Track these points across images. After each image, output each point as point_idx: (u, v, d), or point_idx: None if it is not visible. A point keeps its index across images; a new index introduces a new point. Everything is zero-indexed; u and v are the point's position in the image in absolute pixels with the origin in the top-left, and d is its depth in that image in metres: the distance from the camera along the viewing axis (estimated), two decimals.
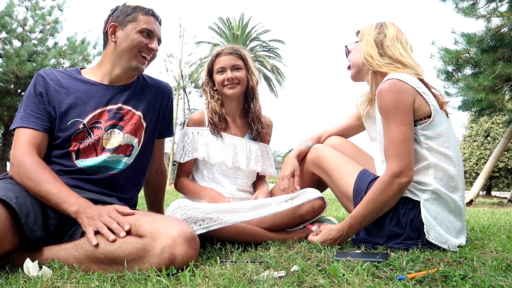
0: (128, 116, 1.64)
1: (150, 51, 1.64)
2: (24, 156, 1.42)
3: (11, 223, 1.21)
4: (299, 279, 1.09)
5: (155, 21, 1.65)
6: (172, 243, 1.17)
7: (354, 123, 2.02)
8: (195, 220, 1.50)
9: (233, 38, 24.99)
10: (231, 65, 1.98)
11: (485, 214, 3.86)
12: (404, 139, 1.50)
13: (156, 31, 1.64)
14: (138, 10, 1.62)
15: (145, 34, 1.61)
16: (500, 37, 5.95)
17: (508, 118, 8.13)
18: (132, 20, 1.60)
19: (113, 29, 1.62)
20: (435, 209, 1.53)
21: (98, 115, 1.58)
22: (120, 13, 1.63)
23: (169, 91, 1.85)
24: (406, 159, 1.49)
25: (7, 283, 1.07)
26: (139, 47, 1.60)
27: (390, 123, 1.53)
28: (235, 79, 1.97)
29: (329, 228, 1.62)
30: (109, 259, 1.19)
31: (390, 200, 1.53)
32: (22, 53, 9.58)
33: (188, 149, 1.97)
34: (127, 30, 1.60)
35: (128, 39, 1.59)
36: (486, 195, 12.30)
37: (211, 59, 2.05)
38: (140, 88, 1.72)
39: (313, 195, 1.78)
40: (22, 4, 10.53)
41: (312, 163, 1.88)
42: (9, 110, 10.52)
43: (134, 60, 1.61)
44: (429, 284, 1.07)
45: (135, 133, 1.66)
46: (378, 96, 1.57)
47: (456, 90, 6.89)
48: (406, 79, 1.53)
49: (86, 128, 1.55)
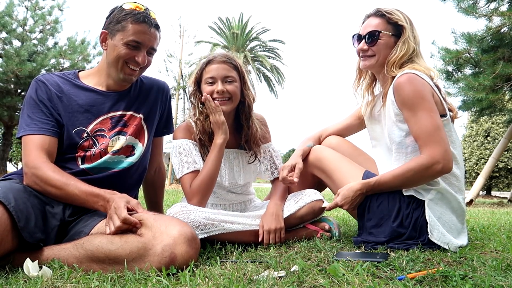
0: (130, 120, 1.65)
1: (138, 64, 1.55)
2: (37, 164, 1.40)
3: (11, 224, 1.21)
4: (299, 279, 1.09)
5: (147, 29, 1.52)
6: (173, 242, 1.17)
7: (354, 122, 2.02)
8: (197, 224, 1.50)
9: (232, 38, 24.99)
10: (223, 75, 1.72)
11: (485, 214, 3.86)
12: (437, 125, 1.50)
13: (145, 41, 1.53)
14: (129, 18, 1.51)
15: (131, 47, 1.51)
16: (500, 36, 5.94)
17: (508, 118, 8.13)
18: (120, 30, 1.51)
19: (104, 36, 1.57)
20: (439, 209, 1.54)
21: (100, 123, 1.58)
22: (112, 19, 1.55)
23: (167, 90, 1.83)
24: (444, 144, 1.49)
25: (7, 283, 1.07)
26: (125, 59, 1.54)
27: (418, 112, 1.52)
28: (226, 92, 1.71)
29: (348, 187, 1.62)
30: (110, 259, 1.19)
31: (420, 182, 1.54)
32: (22, 53, 9.58)
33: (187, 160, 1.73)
34: (115, 40, 1.52)
35: (115, 50, 1.53)
36: (486, 195, 12.29)
37: (200, 66, 1.78)
38: (138, 91, 1.71)
39: (312, 197, 1.78)
40: (22, 4, 10.54)
41: (313, 164, 1.88)
42: (9, 110, 10.52)
43: (121, 72, 1.56)
44: (429, 284, 1.07)
45: (137, 135, 1.66)
46: (397, 89, 1.56)
47: (456, 90, 6.89)
48: (422, 75, 1.56)
49: (90, 137, 1.56)
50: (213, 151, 1.70)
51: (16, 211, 1.22)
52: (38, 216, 1.32)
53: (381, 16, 1.70)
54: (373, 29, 1.69)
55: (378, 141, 1.86)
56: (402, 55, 1.65)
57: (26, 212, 1.26)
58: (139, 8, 1.55)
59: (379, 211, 1.60)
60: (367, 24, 1.73)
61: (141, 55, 1.54)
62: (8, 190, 1.28)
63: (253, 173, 1.95)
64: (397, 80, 1.57)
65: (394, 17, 1.69)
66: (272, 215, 1.69)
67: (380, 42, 1.68)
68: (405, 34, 1.67)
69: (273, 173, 1.95)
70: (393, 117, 1.63)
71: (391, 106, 1.63)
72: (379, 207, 1.60)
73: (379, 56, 1.70)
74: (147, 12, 1.55)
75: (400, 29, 1.68)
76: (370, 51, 1.71)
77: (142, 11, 1.53)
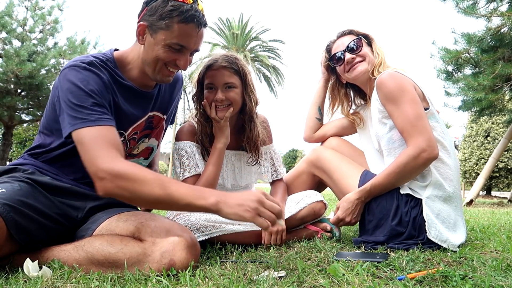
0: (157, 122, 1.58)
1: (178, 67, 1.38)
2: (113, 165, 1.14)
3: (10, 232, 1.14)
4: (299, 279, 1.09)
5: (195, 30, 1.30)
6: (172, 248, 1.16)
7: (349, 124, 2.02)
8: (198, 227, 1.50)
9: (232, 38, 24.99)
10: (223, 83, 1.66)
11: (485, 214, 3.87)
12: (419, 115, 1.53)
13: (191, 45, 1.33)
14: (175, 16, 1.27)
15: (174, 49, 1.32)
16: (500, 37, 5.94)
17: (508, 118, 8.12)
18: (164, 28, 1.28)
19: (142, 29, 1.34)
20: (437, 206, 1.54)
21: (137, 126, 1.49)
22: (154, 11, 1.30)
23: (182, 80, 1.73)
24: (427, 133, 1.52)
25: (7, 283, 1.07)
26: (165, 62, 1.35)
27: (400, 104, 1.55)
28: (225, 100, 1.66)
29: (346, 199, 1.64)
30: (109, 262, 1.18)
31: (412, 174, 1.55)
32: (22, 53, 9.57)
33: (189, 164, 1.70)
34: (156, 38, 1.30)
35: (154, 50, 1.32)
36: (486, 195, 12.29)
37: (202, 69, 1.73)
38: (163, 87, 1.58)
39: (313, 199, 1.78)
40: (22, 4, 10.52)
41: (313, 164, 1.89)
42: (9, 110, 10.50)
43: (159, 74, 1.38)
44: (429, 284, 1.07)
45: (158, 136, 1.61)
46: (380, 86, 1.61)
47: (456, 90, 6.90)
48: (403, 72, 1.62)
49: (125, 141, 1.46)
50: (213, 155, 1.70)
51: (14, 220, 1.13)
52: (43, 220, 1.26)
53: (349, 33, 1.85)
54: (349, 41, 1.80)
55: (367, 145, 1.90)
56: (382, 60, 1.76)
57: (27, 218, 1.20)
58: (187, 1, 1.29)
59: (379, 212, 1.60)
60: (340, 44, 1.83)
61: (184, 58, 1.35)
62: (11, 194, 1.18)
63: (254, 174, 1.95)
64: (379, 78, 1.63)
65: (359, 31, 1.84)
66: None
67: (363, 47, 1.79)
68: (375, 43, 1.82)
69: (273, 175, 1.94)
70: (378, 115, 1.68)
71: (375, 104, 1.68)
72: (378, 207, 1.61)
73: (369, 59, 1.78)
74: (195, 6, 1.30)
75: (369, 39, 1.83)
76: (358, 57, 1.78)
77: (190, 6, 1.28)
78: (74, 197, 1.41)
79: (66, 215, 1.36)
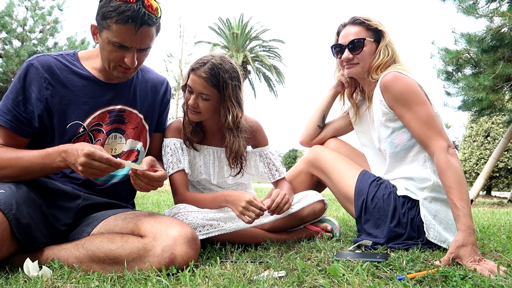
0: (130, 118, 1.56)
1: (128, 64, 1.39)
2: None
3: (11, 232, 1.16)
4: (299, 279, 1.09)
5: (133, 30, 1.31)
6: (173, 243, 1.17)
7: (345, 123, 2.01)
8: (196, 226, 1.50)
9: (232, 38, 24.97)
10: (199, 91, 1.63)
11: (485, 214, 3.87)
12: (432, 115, 1.51)
13: (131, 44, 1.35)
14: (114, 16, 1.29)
15: (117, 48, 1.35)
16: (501, 37, 5.93)
17: (508, 118, 8.12)
18: (106, 28, 1.33)
19: (94, 29, 1.41)
20: (434, 206, 1.54)
21: (98, 116, 1.47)
22: (99, 11, 1.35)
23: (167, 85, 1.75)
24: (443, 131, 1.50)
25: (7, 283, 1.07)
26: (115, 61, 1.40)
27: (412, 107, 1.52)
28: (197, 108, 1.65)
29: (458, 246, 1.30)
30: (110, 258, 1.18)
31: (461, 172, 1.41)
32: (22, 53, 9.58)
33: (172, 160, 1.71)
34: (102, 37, 1.37)
35: (104, 49, 1.38)
36: (486, 195, 12.29)
37: (189, 68, 1.70)
38: (139, 85, 1.61)
39: (314, 198, 1.77)
40: (22, 4, 10.53)
41: (312, 164, 1.88)
42: None
43: (114, 70, 1.43)
44: (429, 284, 1.07)
45: (139, 137, 1.60)
46: (386, 88, 1.56)
47: (456, 90, 6.89)
48: (406, 73, 1.57)
49: (86, 132, 1.45)
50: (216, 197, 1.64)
51: (16, 218, 1.15)
52: (41, 221, 1.28)
53: (360, 24, 1.71)
54: (355, 37, 1.70)
55: (367, 144, 1.88)
56: (386, 60, 1.67)
57: (28, 218, 1.21)
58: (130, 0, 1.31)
59: (376, 212, 1.60)
60: (347, 33, 1.72)
61: (130, 56, 1.37)
62: (11, 195, 1.19)
63: (245, 174, 1.88)
64: (383, 79, 1.58)
65: (373, 23, 1.70)
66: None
67: (365, 49, 1.69)
68: (386, 39, 1.69)
69: (274, 176, 1.89)
70: (381, 117, 1.63)
71: (379, 106, 1.63)
72: (374, 207, 1.60)
73: (364, 64, 1.71)
74: (138, 5, 1.30)
75: (380, 34, 1.70)
76: (355, 59, 1.72)
77: (130, 6, 1.29)
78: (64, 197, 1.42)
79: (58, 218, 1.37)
